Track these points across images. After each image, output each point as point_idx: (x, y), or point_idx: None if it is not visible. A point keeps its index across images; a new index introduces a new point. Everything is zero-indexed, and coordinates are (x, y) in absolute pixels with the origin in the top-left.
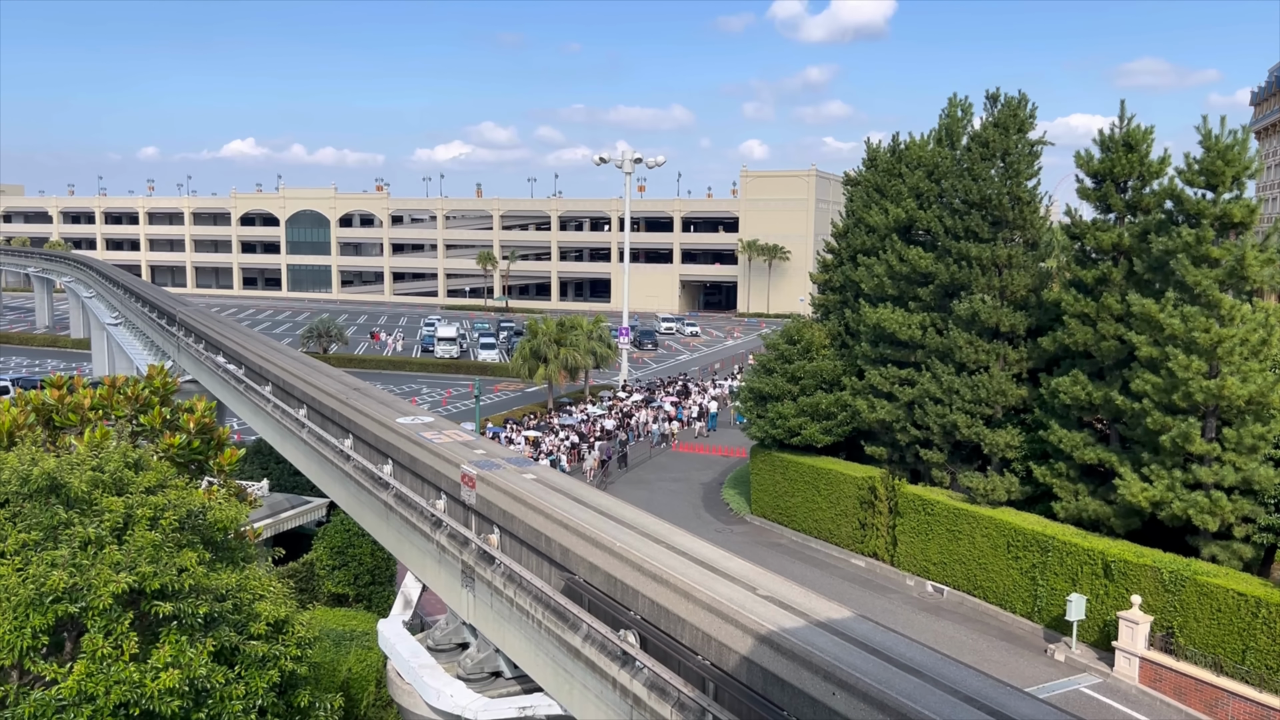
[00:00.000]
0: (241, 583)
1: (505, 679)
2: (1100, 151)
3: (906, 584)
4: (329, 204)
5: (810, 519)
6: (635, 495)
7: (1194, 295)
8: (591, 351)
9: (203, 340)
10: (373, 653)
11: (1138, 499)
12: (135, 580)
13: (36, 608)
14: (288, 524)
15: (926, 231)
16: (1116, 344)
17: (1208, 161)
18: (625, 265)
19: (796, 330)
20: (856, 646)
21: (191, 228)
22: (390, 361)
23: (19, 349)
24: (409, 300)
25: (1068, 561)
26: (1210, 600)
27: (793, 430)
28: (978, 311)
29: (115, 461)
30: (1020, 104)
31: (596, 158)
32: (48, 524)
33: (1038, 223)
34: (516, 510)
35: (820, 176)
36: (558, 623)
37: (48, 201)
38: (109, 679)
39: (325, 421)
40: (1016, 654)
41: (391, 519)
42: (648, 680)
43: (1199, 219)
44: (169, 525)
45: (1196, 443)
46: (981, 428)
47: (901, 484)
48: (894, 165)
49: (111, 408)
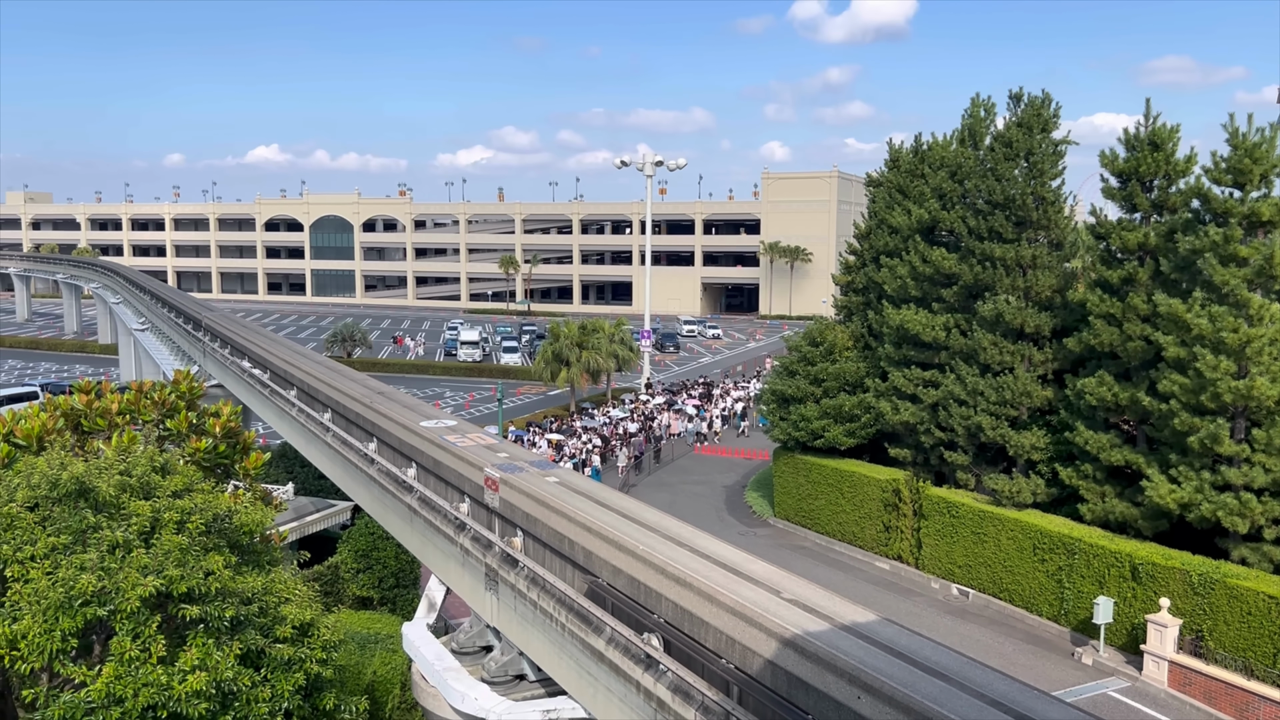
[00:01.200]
0: (267, 586)
1: (529, 682)
2: (1125, 150)
3: (931, 587)
4: (352, 209)
5: (834, 522)
6: (658, 498)
7: (1222, 295)
8: (613, 354)
9: (228, 345)
10: (397, 656)
11: (1165, 501)
12: (163, 583)
13: (66, 611)
14: (313, 527)
15: (950, 232)
16: (1143, 344)
17: (1235, 160)
18: (647, 268)
19: (819, 332)
20: (881, 650)
21: (217, 233)
22: (413, 365)
23: (48, 354)
24: (432, 304)
25: (1094, 564)
26: (1240, 603)
27: (816, 432)
28: (1002, 312)
29: (143, 466)
30: (1044, 103)
31: (618, 161)
32: (76, 528)
33: (1062, 223)
34: (539, 513)
35: (842, 178)
36: (581, 626)
37: (75, 209)
38: (137, 681)
39: (349, 425)
40: (1043, 657)
41: (415, 522)
42: (671, 683)
43: (1227, 218)
44: (196, 529)
45: (1225, 444)
46: (1006, 429)
47: (926, 486)
48: (917, 166)
49: (139, 412)
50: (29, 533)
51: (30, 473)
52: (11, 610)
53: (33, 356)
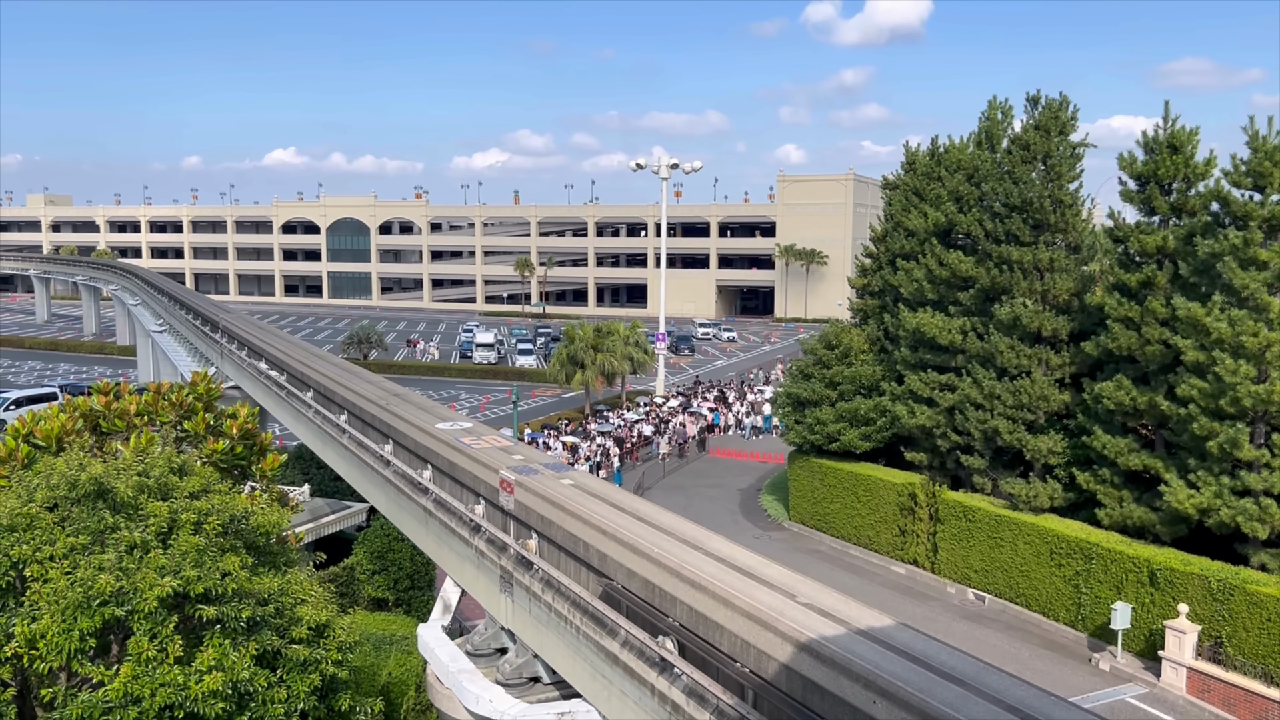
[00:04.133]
0: (283, 587)
1: (544, 684)
2: (1144, 153)
3: (947, 591)
4: (369, 212)
5: (849, 525)
6: (673, 501)
7: (1241, 299)
8: (628, 357)
9: (245, 347)
10: (412, 657)
11: (1184, 506)
12: (180, 584)
13: (84, 610)
14: (328, 529)
15: (966, 235)
16: (1161, 348)
17: (1255, 162)
18: (662, 270)
19: (835, 335)
20: (897, 654)
21: (234, 236)
22: (429, 367)
23: (67, 356)
24: (448, 306)
25: (1112, 569)
26: (1260, 609)
27: (831, 436)
28: (1019, 316)
29: (160, 467)
30: (1061, 106)
31: (633, 163)
32: (95, 528)
33: (1080, 226)
34: (554, 516)
35: (858, 180)
36: (596, 628)
37: (95, 211)
38: (154, 681)
39: (365, 427)
40: (1060, 663)
41: (431, 524)
42: (686, 687)
43: (1246, 221)
44: (213, 530)
45: (1245, 449)
46: (1023, 433)
47: (942, 490)
48: (933, 169)
49: (157, 414)
50: (48, 533)
51: (49, 473)
52: (30, 610)
53: (52, 358)
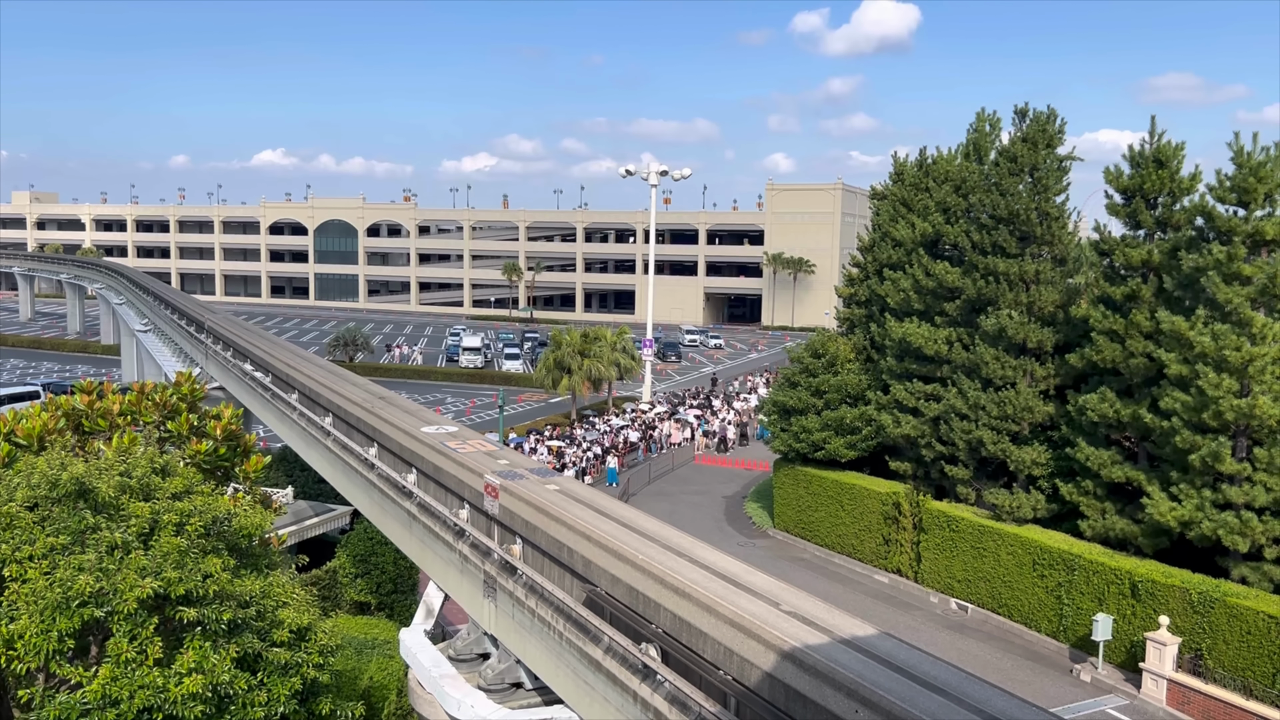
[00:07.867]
0: (265, 589)
1: (526, 690)
2: (1130, 167)
3: (930, 601)
4: (357, 214)
5: (833, 534)
6: (658, 508)
7: (1225, 313)
8: (615, 363)
9: (230, 348)
10: (394, 661)
11: (1166, 518)
12: (160, 585)
13: (63, 611)
14: (311, 531)
15: (953, 246)
16: (1145, 361)
17: (1239, 178)
18: (650, 277)
19: (821, 344)
20: (880, 664)
21: (221, 236)
22: (415, 371)
23: (50, 354)
24: (435, 310)
25: (1094, 581)
26: (1240, 622)
27: (817, 444)
28: (1005, 327)
29: (143, 467)
30: (1049, 119)
31: (623, 170)
32: (75, 528)
33: (1066, 238)
34: (539, 521)
35: (846, 190)
36: (579, 635)
37: (81, 209)
38: (133, 683)
39: (350, 430)
40: (1042, 673)
41: (414, 528)
42: (669, 694)
43: (1230, 236)
44: (194, 531)
45: (1227, 462)
46: (1008, 444)
47: (926, 500)
48: (921, 179)
49: (140, 414)
50: (28, 532)
51: (30, 472)
52: (9, 610)
53: (35, 356)
